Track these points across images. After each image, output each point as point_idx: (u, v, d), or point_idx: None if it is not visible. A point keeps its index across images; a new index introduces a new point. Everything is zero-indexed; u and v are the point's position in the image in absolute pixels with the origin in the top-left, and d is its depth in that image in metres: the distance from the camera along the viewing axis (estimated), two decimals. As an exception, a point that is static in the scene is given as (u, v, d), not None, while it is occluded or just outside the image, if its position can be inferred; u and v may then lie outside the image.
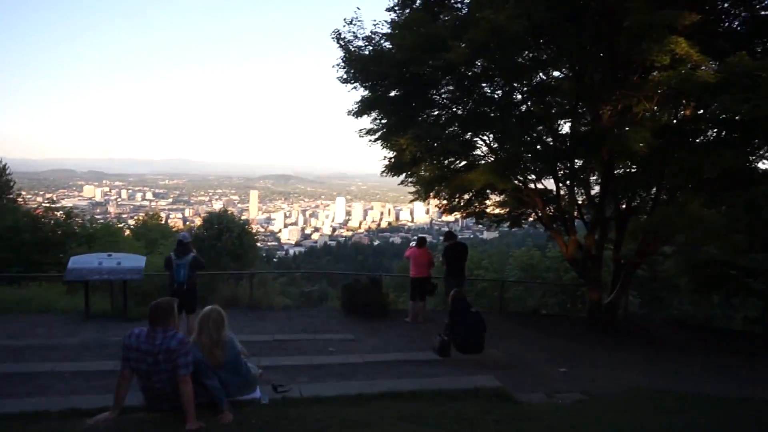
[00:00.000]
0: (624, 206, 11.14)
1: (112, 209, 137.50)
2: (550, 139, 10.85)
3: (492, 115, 10.34)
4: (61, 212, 25.15)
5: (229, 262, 23.71)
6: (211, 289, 12.80)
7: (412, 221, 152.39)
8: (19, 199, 31.36)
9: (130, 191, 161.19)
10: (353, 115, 10.95)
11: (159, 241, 31.93)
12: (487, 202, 11.95)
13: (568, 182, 11.00)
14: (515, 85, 10.26)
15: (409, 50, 9.08)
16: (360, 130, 11.44)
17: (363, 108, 10.83)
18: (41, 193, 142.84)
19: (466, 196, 11.51)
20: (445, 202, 11.57)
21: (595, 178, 11.31)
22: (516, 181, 10.90)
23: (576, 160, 10.55)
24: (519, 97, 10.65)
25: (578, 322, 11.99)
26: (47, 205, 24.79)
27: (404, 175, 11.41)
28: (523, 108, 10.69)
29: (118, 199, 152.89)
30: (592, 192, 11.28)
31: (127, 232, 38.09)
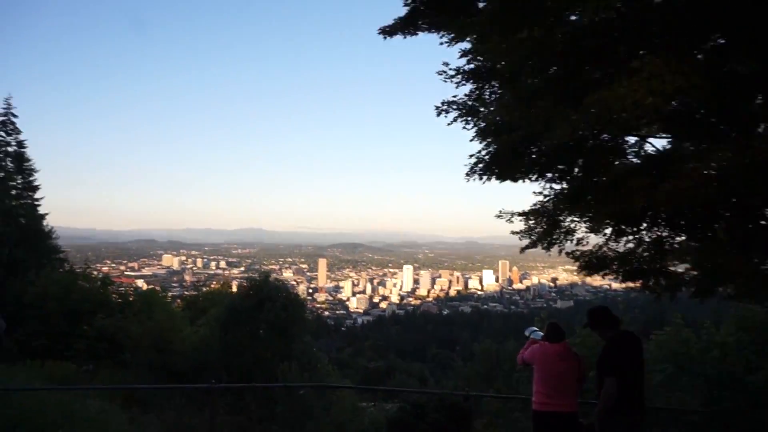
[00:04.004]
0: None
1: (187, 277, 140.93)
2: None
3: None
4: (96, 279, 23.03)
5: (272, 337, 19.61)
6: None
7: (482, 289, 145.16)
8: (104, 268, 30.40)
9: (204, 260, 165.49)
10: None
11: (209, 310, 28.21)
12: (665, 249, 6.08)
13: None
14: None
15: None
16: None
17: None
18: (124, 262, 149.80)
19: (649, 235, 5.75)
20: (588, 247, 6.25)
21: None
22: None
23: None
24: None
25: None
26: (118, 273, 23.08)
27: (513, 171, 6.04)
28: None
29: (194, 268, 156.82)
30: None
31: (178, 301, 35.39)
